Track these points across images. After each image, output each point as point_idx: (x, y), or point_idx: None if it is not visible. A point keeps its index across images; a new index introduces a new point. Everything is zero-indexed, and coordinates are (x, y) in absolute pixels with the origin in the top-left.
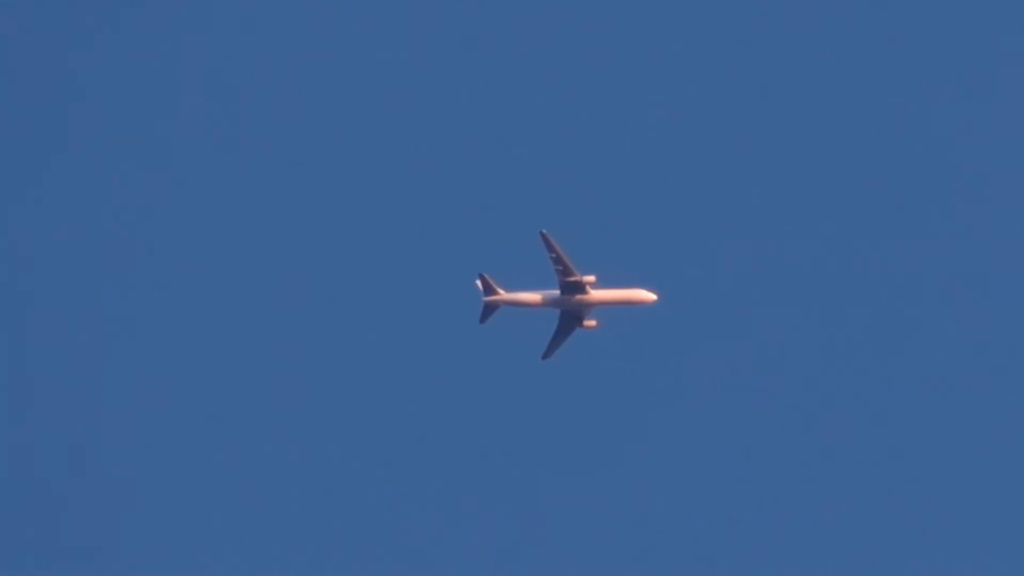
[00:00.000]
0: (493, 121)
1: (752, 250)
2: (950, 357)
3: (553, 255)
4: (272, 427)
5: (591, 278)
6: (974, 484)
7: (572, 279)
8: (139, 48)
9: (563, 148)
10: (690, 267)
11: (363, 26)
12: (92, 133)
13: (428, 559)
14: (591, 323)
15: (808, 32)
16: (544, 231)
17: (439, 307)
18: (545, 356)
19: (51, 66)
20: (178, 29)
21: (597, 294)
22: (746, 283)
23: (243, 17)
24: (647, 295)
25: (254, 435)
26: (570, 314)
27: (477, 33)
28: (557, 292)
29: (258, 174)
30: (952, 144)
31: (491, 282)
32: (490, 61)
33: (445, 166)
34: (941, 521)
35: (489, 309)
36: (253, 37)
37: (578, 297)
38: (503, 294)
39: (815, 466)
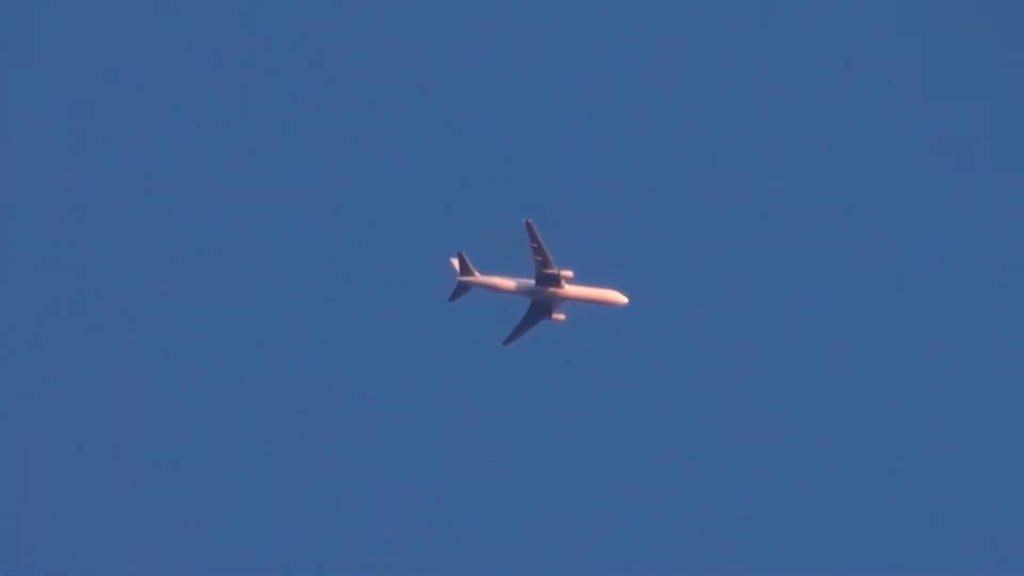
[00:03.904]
0: (497, 112)
1: (740, 261)
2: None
3: (535, 245)
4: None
5: (569, 272)
6: None
7: (549, 271)
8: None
9: (562, 143)
10: (668, 273)
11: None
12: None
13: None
14: (560, 316)
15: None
16: (530, 220)
17: (414, 283)
18: (507, 342)
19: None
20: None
21: (571, 289)
22: (726, 297)
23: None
24: (619, 297)
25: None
26: (540, 305)
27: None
28: (532, 282)
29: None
30: None
31: (468, 262)
32: (497, 54)
33: (440, 152)
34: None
35: (461, 288)
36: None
37: (551, 289)
38: (478, 276)
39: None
